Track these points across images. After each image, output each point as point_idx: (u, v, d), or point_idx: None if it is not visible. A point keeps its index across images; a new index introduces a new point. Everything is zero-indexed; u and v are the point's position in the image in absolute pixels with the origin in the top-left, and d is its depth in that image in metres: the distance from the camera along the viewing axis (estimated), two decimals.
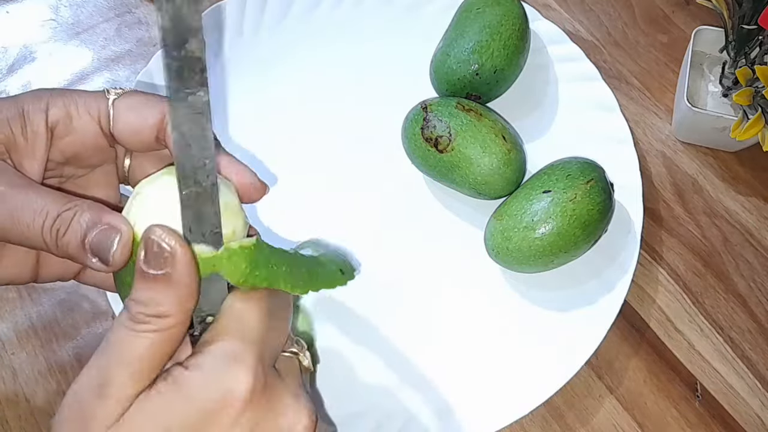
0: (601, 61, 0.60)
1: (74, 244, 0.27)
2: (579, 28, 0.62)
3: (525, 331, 0.47)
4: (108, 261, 0.27)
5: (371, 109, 0.55)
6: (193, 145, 0.24)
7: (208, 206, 0.25)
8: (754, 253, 0.52)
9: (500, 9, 0.52)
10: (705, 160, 0.56)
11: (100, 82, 0.59)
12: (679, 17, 0.63)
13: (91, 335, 0.49)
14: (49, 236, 0.27)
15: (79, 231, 0.27)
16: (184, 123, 0.23)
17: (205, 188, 0.25)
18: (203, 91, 0.23)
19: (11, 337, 0.48)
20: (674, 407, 0.47)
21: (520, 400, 0.44)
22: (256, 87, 0.56)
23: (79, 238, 0.27)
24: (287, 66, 0.57)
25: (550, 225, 0.45)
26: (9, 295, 0.50)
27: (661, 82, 0.59)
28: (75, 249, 0.27)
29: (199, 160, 0.24)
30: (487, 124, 0.49)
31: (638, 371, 0.48)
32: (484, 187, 0.49)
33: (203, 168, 0.24)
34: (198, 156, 0.24)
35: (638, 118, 0.58)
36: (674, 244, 0.52)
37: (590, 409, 0.46)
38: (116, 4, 0.63)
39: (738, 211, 0.54)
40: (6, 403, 0.46)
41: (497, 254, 0.47)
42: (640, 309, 0.50)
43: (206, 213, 0.25)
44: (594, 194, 0.46)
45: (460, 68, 0.51)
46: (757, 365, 0.48)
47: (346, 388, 0.45)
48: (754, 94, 0.49)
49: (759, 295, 0.51)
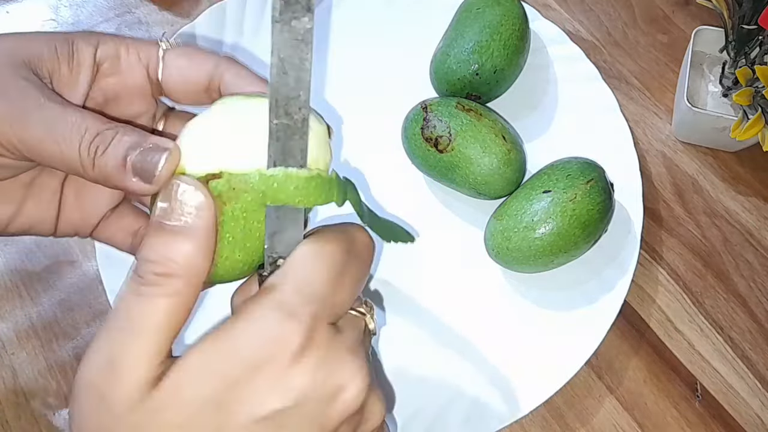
0: (601, 61, 0.60)
1: (113, 164, 0.26)
2: (579, 28, 0.62)
3: (525, 331, 0.47)
4: (152, 179, 0.25)
5: (371, 108, 0.55)
6: (290, 73, 0.23)
7: (296, 140, 0.24)
8: (754, 253, 0.52)
9: (500, 9, 0.52)
10: (705, 160, 0.56)
11: None
12: (679, 17, 0.63)
13: (92, 335, 0.49)
14: (86, 153, 0.26)
15: (121, 149, 0.26)
16: (285, 48, 0.22)
17: (296, 121, 0.24)
18: (308, 17, 0.22)
19: (11, 337, 0.48)
20: (674, 407, 0.47)
21: (520, 400, 0.44)
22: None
23: (120, 157, 0.26)
24: None
25: (550, 225, 0.45)
26: (9, 294, 0.50)
27: (661, 82, 0.59)
28: (114, 169, 0.26)
29: (294, 90, 0.23)
30: (487, 124, 0.49)
31: (638, 371, 0.48)
32: (484, 187, 0.49)
33: (297, 99, 0.23)
34: (293, 86, 0.23)
35: (638, 118, 0.58)
36: (674, 244, 0.52)
37: (590, 409, 0.46)
38: (116, 4, 0.63)
39: (738, 211, 0.54)
40: (6, 403, 0.46)
41: (497, 254, 0.47)
42: (640, 309, 0.50)
43: (293, 147, 0.24)
44: (594, 194, 0.46)
45: (460, 68, 0.51)
46: (757, 365, 0.48)
47: None
48: (754, 94, 0.49)
49: (759, 295, 0.51)
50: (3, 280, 0.50)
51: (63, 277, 0.51)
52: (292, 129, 0.24)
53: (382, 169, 0.53)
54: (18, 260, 0.51)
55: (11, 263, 0.51)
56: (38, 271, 0.51)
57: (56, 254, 0.51)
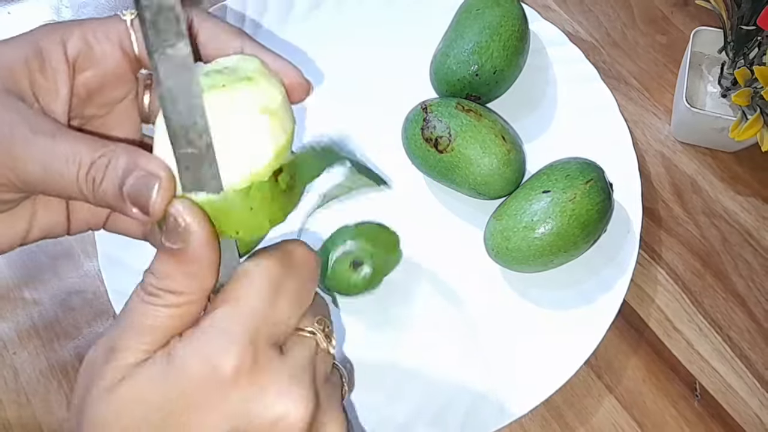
0: (600, 62, 0.60)
1: (112, 193, 0.25)
2: (578, 29, 0.62)
3: (525, 331, 0.47)
4: (148, 211, 0.24)
5: (371, 109, 0.55)
6: (180, 101, 0.22)
7: (207, 168, 0.23)
8: (753, 253, 0.52)
9: (500, 10, 0.52)
10: (704, 160, 0.56)
11: None
12: (678, 18, 0.63)
13: (93, 335, 0.49)
14: (85, 186, 0.26)
15: (116, 179, 0.25)
16: (168, 78, 0.22)
17: (200, 149, 0.23)
18: (183, 42, 0.21)
19: (12, 337, 0.48)
20: (673, 406, 0.47)
21: (520, 399, 0.44)
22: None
23: (117, 187, 0.25)
24: None
25: (549, 225, 0.45)
26: (11, 294, 0.50)
27: (660, 82, 0.59)
28: (113, 198, 0.25)
29: (189, 118, 0.22)
30: (486, 124, 0.49)
31: (637, 370, 0.48)
32: (483, 187, 0.49)
33: (195, 126, 0.22)
34: (186, 113, 0.22)
35: (637, 119, 0.58)
36: (673, 244, 0.53)
37: (589, 408, 0.47)
38: (117, 5, 0.63)
39: (737, 211, 0.54)
40: (7, 403, 0.46)
41: (497, 254, 0.47)
42: (639, 308, 0.50)
43: (204, 176, 0.23)
44: (593, 194, 0.46)
45: (460, 69, 0.51)
46: (756, 364, 0.48)
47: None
48: (753, 95, 0.49)
49: (758, 295, 0.51)
50: (4, 279, 0.51)
51: (64, 276, 0.51)
52: (198, 157, 0.23)
53: (382, 169, 0.53)
54: (19, 260, 0.51)
55: (12, 263, 0.51)
56: (39, 271, 0.51)
57: (57, 254, 0.51)
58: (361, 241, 0.46)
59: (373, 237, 0.46)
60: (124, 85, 0.31)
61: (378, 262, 0.46)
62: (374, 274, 0.45)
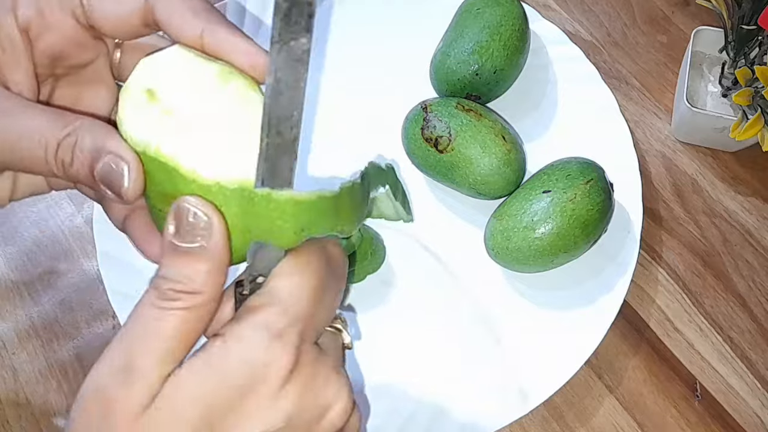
0: (600, 62, 0.60)
1: (84, 174, 0.25)
2: (579, 28, 0.62)
3: (525, 331, 0.47)
4: (121, 197, 0.24)
5: (371, 109, 0.55)
6: (285, 93, 0.23)
7: (286, 160, 0.24)
8: (754, 253, 0.52)
9: (500, 9, 0.52)
10: (704, 160, 0.56)
11: None
12: (679, 17, 0.63)
13: (92, 335, 0.49)
14: (56, 168, 0.25)
15: (85, 162, 0.25)
16: (282, 68, 0.22)
17: (287, 140, 0.24)
18: (307, 38, 0.22)
19: (12, 337, 0.48)
20: (674, 407, 0.47)
21: (520, 399, 0.44)
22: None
23: (88, 170, 0.25)
24: None
25: (549, 225, 0.45)
26: (10, 294, 0.50)
27: (661, 82, 0.59)
28: (87, 179, 0.25)
29: (288, 110, 0.23)
30: (486, 124, 0.49)
31: (638, 371, 0.48)
32: (484, 187, 0.49)
33: (290, 118, 0.23)
34: (287, 105, 0.23)
35: (638, 119, 0.58)
36: (674, 244, 0.52)
37: (590, 408, 0.47)
38: None
39: (737, 211, 0.54)
40: (7, 403, 0.46)
41: (497, 254, 0.47)
42: (639, 309, 0.50)
43: (283, 167, 0.24)
44: (593, 194, 0.46)
45: (460, 68, 0.51)
46: (757, 365, 0.48)
47: None
48: (754, 95, 0.49)
49: (758, 295, 0.51)
50: (4, 279, 0.51)
51: (63, 276, 0.51)
52: (282, 148, 0.24)
53: None
54: (18, 260, 0.51)
55: (12, 263, 0.51)
56: (39, 271, 0.51)
57: (57, 254, 0.51)
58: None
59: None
60: (87, 50, 0.29)
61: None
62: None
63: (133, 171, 0.24)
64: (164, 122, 0.24)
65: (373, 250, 0.47)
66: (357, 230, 0.44)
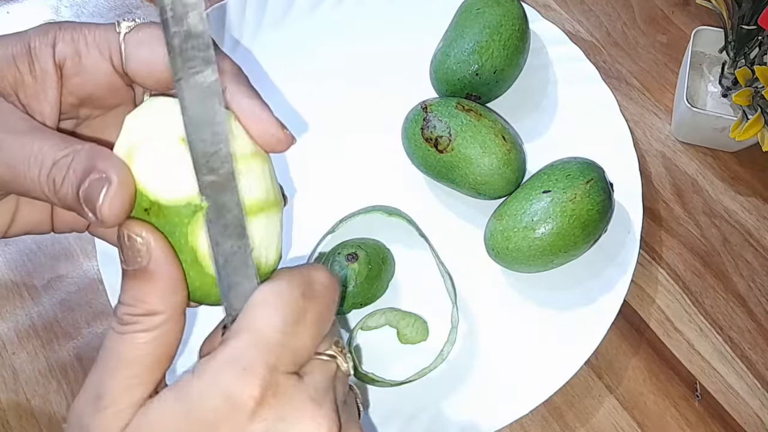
0: (600, 62, 0.60)
1: (71, 196, 0.24)
2: (579, 28, 0.62)
3: (525, 331, 0.47)
4: (96, 215, 0.23)
5: (371, 109, 0.55)
6: (205, 128, 0.22)
7: (228, 196, 0.23)
8: (754, 253, 0.52)
9: (500, 9, 0.52)
10: (704, 160, 0.56)
11: None
12: (679, 17, 0.63)
13: (92, 335, 0.49)
14: (46, 187, 0.24)
15: (75, 180, 0.24)
16: (193, 105, 0.22)
17: (222, 176, 0.23)
18: (210, 69, 0.21)
19: (12, 337, 0.48)
20: (674, 407, 0.47)
21: (520, 399, 0.44)
22: (256, 87, 0.56)
23: (75, 188, 0.24)
24: (287, 66, 0.57)
25: (549, 225, 0.45)
26: (10, 294, 0.50)
27: (661, 82, 0.59)
28: (73, 201, 0.24)
29: (213, 145, 0.22)
30: (486, 124, 0.49)
31: (638, 371, 0.48)
32: (484, 187, 0.49)
33: (217, 154, 0.22)
34: (210, 140, 0.22)
35: (638, 119, 0.58)
36: (674, 244, 0.52)
37: (590, 408, 0.47)
38: (117, 5, 0.63)
39: (737, 211, 0.54)
40: (7, 403, 0.46)
41: (497, 254, 0.47)
42: (639, 309, 0.50)
43: (227, 203, 0.23)
44: (594, 194, 0.46)
45: (460, 68, 0.51)
46: (757, 365, 0.48)
47: None
48: (754, 95, 0.49)
49: (758, 295, 0.51)
50: (4, 279, 0.51)
51: (63, 276, 0.51)
52: (219, 185, 0.23)
53: (382, 169, 0.53)
54: (19, 260, 0.51)
55: (12, 263, 0.51)
56: (39, 271, 0.51)
57: (57, 254, 0.51)
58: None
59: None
60: (117, 95, 0.30)
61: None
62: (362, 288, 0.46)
63: (112, 189, 0.23)
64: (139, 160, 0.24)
65: (384, 271, 0.47)
66: (365, 254, 0.45)
